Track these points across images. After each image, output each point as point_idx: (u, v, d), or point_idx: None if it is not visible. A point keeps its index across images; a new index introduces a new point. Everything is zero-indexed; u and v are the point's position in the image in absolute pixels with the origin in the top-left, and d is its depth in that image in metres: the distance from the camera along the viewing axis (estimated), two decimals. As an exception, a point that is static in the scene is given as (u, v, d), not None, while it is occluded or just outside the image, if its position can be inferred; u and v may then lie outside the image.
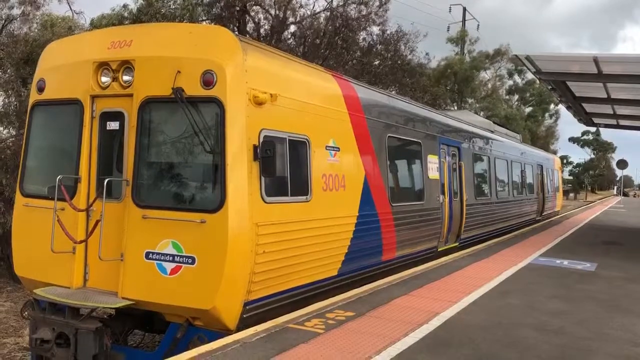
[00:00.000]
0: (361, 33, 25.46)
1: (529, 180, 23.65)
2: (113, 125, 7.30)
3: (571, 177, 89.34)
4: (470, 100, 44.61)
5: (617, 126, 29.68)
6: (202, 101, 6.71)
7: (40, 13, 19.86)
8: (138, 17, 20.96)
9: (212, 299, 6.46)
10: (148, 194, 7.04)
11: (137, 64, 7.08)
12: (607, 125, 30.97)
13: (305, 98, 8.11)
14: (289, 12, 24.43)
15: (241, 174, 6.69)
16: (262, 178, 6.94)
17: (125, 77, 7.20)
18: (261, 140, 6.95)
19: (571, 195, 74.67)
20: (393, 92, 23.87)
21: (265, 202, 7.01)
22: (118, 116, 7.26)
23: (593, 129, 74.65)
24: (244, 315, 6.79)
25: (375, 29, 25.82)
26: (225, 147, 6.60)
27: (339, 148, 8.78)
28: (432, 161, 12.80)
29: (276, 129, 7.32)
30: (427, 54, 33.32)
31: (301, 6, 24.52)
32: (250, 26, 24.46)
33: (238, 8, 22.96)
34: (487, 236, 17.07)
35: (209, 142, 6.67)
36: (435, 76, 38.42)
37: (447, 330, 6.97)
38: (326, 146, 8.47)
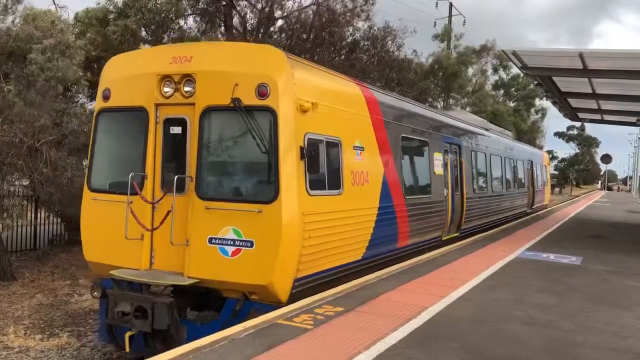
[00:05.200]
0: (348, 28, 24.92)
1: (521, 175, 25.12)
2: (176, 129, 8.49)
3: (556, 172, 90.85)
4: (456, 96, 44.78)
5: (602, 121, 30.09)
6: (257, 109, 7.91)
7: (22, 7, 19.14)
8: (123, 11, 20.29)
9: (269, 276, 7.67)
10: (210, 188, 8.26)
11: (198, 77, 8.26)
12: (592, 120, 31.37)
13: (337, 104, 9.34)
14: (275, 6, 23.93)
15: (291, 171, 7.91)
16: (307, 174, 8.17)
17: (187, 88, 8.37)
18: (306, 142, 8.18)
19: (556, 189, 76.07)
20: (378, 85, 23.84)
21: (310, 195, 8.24)
22: (180, 122, 8.45)
23: (578, 124, 76.14)
24: (293, 291, 8.02)
25: (361, 24, 25.32)
26: (278, 148, 7.82)
27: (363, 148, 10.02)
28: (437, 158, 14.11)
29: (317, 132, 8.56)
30: (414, 51, 33.49)
31: (288, -1, 23.94)
32: (236, 21, 23.86)
33: (224, 2, 22.62)
34: (484, 227, 18.43)
35: (264, 144, 7.89)
36: (423, 72, 38.79)
37: (436, 325, 7.03)
38: (354, 146, 9.71)
